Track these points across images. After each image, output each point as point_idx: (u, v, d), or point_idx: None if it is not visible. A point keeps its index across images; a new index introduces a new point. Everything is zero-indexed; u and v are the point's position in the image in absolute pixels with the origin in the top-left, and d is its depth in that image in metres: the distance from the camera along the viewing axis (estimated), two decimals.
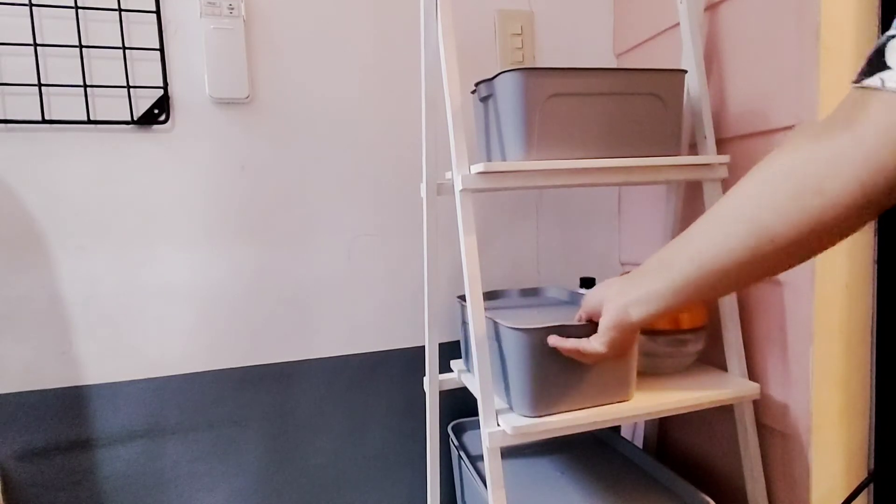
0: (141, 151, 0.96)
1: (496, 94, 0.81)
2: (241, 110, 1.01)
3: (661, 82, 0.81)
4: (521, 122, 0.76)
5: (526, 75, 0.76)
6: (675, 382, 0.86)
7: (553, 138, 0.77)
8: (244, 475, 1.05)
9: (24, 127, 0.91)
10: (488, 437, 0.74)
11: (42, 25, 0.91)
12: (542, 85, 0.76)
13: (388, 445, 1.13)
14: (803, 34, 0.77)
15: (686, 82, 0.90)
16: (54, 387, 0.94)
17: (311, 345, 1.07)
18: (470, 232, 0.76)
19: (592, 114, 0.78)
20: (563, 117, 0.77)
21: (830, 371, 0.78)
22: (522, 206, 1.17)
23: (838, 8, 0.74)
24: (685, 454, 1.04)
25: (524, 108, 0.76)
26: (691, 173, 0.85)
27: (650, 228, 1.09)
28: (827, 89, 0.75)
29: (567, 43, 1.18)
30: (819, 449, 0.78)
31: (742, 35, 0.88)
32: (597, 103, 0.78)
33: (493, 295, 1.04)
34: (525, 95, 0.76)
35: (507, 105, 0.78)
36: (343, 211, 1.07)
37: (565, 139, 0.78)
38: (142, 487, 0.99)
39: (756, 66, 0.86)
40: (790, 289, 0.81)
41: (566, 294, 1.00)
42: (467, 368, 1.01)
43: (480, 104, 0.88)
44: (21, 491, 0.94)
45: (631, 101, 0.80)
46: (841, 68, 0.75)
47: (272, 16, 1.01)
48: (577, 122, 0.77)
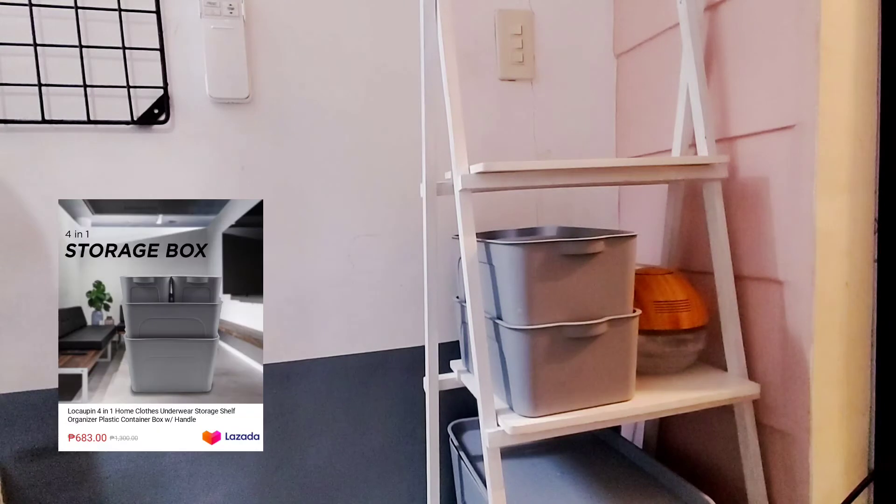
0: (141, 151, 0.96)
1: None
2: (241, 110, 1.01)
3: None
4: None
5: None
6: (675, 382, 0.86)
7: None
8: (244, 475, 1.05)
9: (24, 127, 0.91)
10: (488, 437, 0.74)
11: (42, 25, 0.91)
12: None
13: (388, 445, 1.13)
14: (803, 34, 0.77)
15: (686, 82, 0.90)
16: (54, 387, 0.94)
17: (311, 345, 1.07)
18: (470, 232, 0.76)
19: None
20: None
21: (830, 371, 0.78)
22: (523, 206, 1.17)
23: (838, 8, 0.74)
24: (685, 454, 1.04)
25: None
26: (691, 173, 0.85)
27: (650, 228, 1.09)
28: (827, 89, 0.75)
29: (567, 43, 1.18)
30: (819, 449, 0.78)
31: (742, 35, 0.88)
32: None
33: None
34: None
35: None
36: (343, 211, 1.07)
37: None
38: (142, 487, 0.99)
39: (756, 66, 0.86)
40: (790, 289, 0.81)
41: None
42: (467, 368, 1.01)
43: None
44: (21, 491, 0.94)
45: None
46: (841, 68, 0.75)
47: (272, 16, 1.01)
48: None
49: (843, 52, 0.75)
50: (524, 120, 1.16)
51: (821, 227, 0.76)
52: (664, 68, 1.05)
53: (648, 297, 0.87)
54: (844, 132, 0.76)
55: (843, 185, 0.76)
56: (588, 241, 0.76)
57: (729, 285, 0.86)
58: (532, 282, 0.75)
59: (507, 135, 1.16)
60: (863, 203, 0.78)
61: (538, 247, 0.75)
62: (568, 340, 0.76)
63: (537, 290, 0.75)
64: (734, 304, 0.86)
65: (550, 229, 1.06)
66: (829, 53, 0.74)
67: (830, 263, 0.76)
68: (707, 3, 0.94)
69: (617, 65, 1.21)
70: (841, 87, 0.75)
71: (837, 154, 0.76)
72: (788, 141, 0.80)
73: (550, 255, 0.75)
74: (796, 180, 0.78)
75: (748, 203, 0.88)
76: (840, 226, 0.77)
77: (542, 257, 0.75)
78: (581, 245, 0.76)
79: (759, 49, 0.85)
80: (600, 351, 0.77)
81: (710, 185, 0.87)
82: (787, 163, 0.80)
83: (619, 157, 1.21)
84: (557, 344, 0.75)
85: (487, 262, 0.81)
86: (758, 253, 0.86)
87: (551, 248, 0.75)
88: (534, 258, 0.74)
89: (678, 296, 0.87)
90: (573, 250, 0.75)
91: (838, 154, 0.76)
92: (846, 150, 0.76)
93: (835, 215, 0.76)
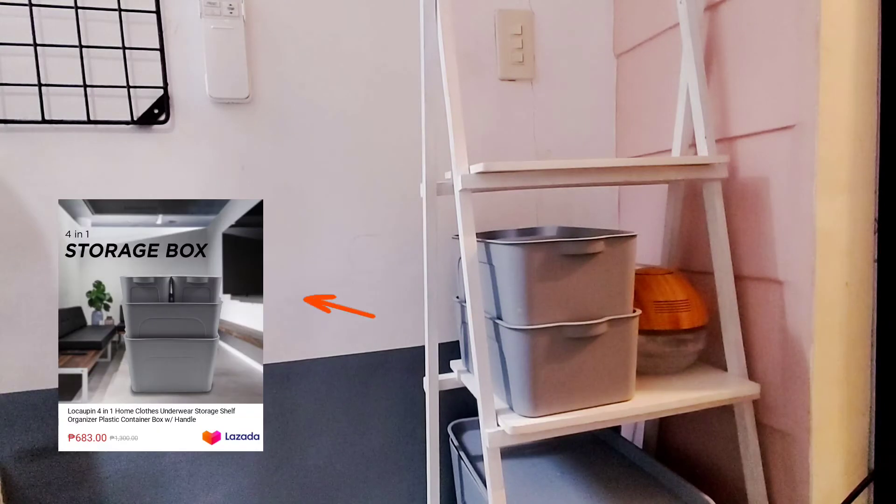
0: (141, 151, 0.96)
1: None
2: (241, 110, 1.01)
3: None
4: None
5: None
6: (675, 382, 0.86)
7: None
8: (244, 475, 1.05)
9: (24, 127, 0.91)
10: (488, 437, 0.74)
11: (42, 25, 0.91)
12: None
13: (388, 445, 1.13)
14: (803, 34, 0.77)
15: (686, 82, 0.90)
16: (54, 387, 0.94)
17: (311, 345, 1.07)
18: (470, 232, 0.76)
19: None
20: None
21: (830, 371, 0.78)
22: (523, 206, 1.17)
23: (838, 8, 0.74)
24: (685, 454, 1.04)
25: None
26: (691, 173, 0.85)
27: (650, 228, 1.09)
28: (827, 89, 0.75)
29: (567, 43, 1.18)
30: (819, 449, 0.78)
31: (742, 35, 0.88)
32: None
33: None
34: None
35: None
36: (343, 211, 1.07)
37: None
38: (142, 487, 0.99)
39: (756, 66, 0.86)
40: (790, 289, 0.81)
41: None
42: (467, 368, 1.01)
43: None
44: (21, 491, 0.94)
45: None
46: (841, 68, 0.75)
47: (272, 16, 1.01)
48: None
49: (843, 52, 0.75)
50: (524, 120, 1.16)
51: (821, 227, 0.76)
52: (664, 68, 1.05)
53: (648, 297, 0.87)
54: (844, 132, 0.76)
55: (843, 185, 0.76)
56: (588, 241, 0.76)
57: (729, 285, 0.86)
58: (532, 282, 0.75)
59: (507, 135, 1.16)
60: (863, 203, 0.78)
61: (538, 247, 0.75)
62: (568, 340, 0.76)
63: (537, 290, 0.75)
64: (734, 304, 0.86)
65: (550, 229, 1.06)
66: (829, 53, 0.74)
67: (830, 263, 0.76)
68: (707, 3, 0.94)
69: (617, 65, 1.21)
70: (841, 87, 0.75)
71: (837, 154, 0.76)
72: (788, 141, 0.80)
73: (550, 255, 0.75)
74: (796, 180, 0.78)
75: (748, 203, 0.88)
76: (840, 226, 0.77)
77: (542, 257, 0.75)
78: (581, 245, 0.76)
79: (759, 49, 0.85)
80: (600, 351, 0.77)
81: (710, 185, 0.87)
82: (787, 163, 0.80)
83: (619, 157, 1.21)
84: (557, 344, 0.75)
85: (487, 262, 0.81)
86: (758, 253, 0.86)
87: (551, 248, 0.75)
88: (534, 258, 0.74)
89: (678, 296, 0.87)
90: (573, 250, 0.75)
91: (838, 154, 0.76)
92: (846, 150, 0.76)
93: (835, 215, 0.76)
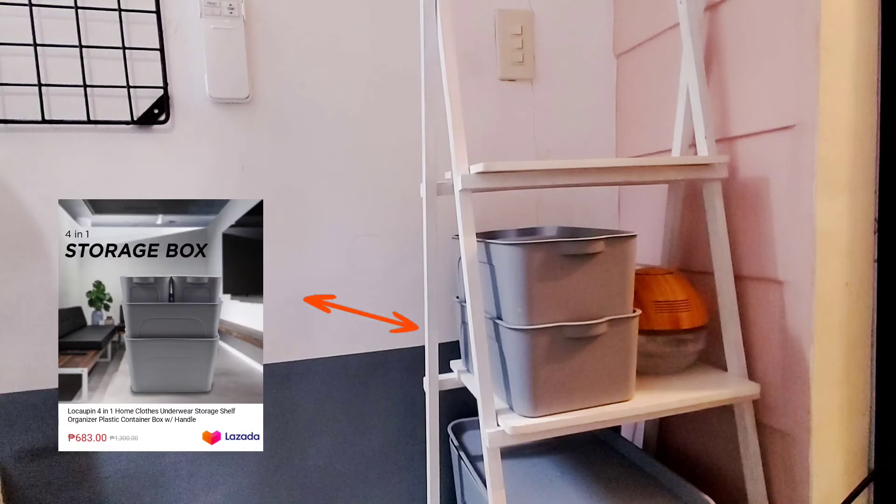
0: (141, 151, 0.96)
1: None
2: (241, 110, 1.01)
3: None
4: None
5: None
6: (675, 382, 0.86)
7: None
8: (244, 475, 1.05)
9: (24, 127, 0.91)
10: (488, 437, 0.74)
11: (42, 25, 0.91)
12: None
13: (388, 445, 1.13)
14: (803, 34, 0.77)
15: (686, 82, 0.90)
16: (54, 387, 0.94)
17: (311, 345, 1.07)
18: (470, 232, 0.76)
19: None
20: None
21: (830, 371, 0.78)
22: (523, 206, 1.17)
23: (838, 8, 0.74)
24: (685, 454, 1.04)
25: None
26: (691, 173, 0.85)
27: (650, 228, 1.09)
28: (827, 89, 0.75)
29: (567, 43, 1.18)
30: (819, 449, 0.78)
31: (742, 35, 0.88)
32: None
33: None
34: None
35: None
36: (343, 211, 1.07)
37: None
38: (142, 487, 0.99)
39: (756, 66, 0.86)
40: (790, 289, 0.81)
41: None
42: (467, 368, 1.01)
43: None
44: (21, 491, 0.94)
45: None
46: (841, 68, 0.75)
47: (272, 16, 1.01)
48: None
49: (843, 52, 0.75)
50: (524, 120, 1.16)
51: (821, 227, 0.76)
52: (664, 68, 1.05)
53: (648, 297, 0.87)
54: (844, 132, 0.76)
55: (843, 185, 0.76)
56: (588, 241, 0.76)
57: (729, 285, 0.86)
58: (532, 282, 0.75)
59: (507, 135, 1.16)
60: (863, 203, 0.78)
61: (538, 247, 0.75)
62: (568, 340, 0.76)
63: (537, 290, 0.75)
64: (734, 304, 0.86)
65: (550, 229, 1.06)
66: (829, 53, 0.74)
67: (830, 263, 0.76)
68: (707, 3, 0.94)
69: (617, 65, 1.21)
70: (841, 87, 0.75)
71: (837, 154, 0.76)
72: (788, 141, 0.80)
73: (550, 255, 0.75)
74: (796, 180, 0.78)
75: (748, 203, 0.88)
76: (840, 226, 0.77)
77: (542, 257, 0.75)
78: (581, 245, 0.75)
79: (759, 49, 0.85)
80: (600, 351, 0.77)
81: (710, 185, 0.87)
82: (787, 163, 0.80)
83: (619, 157, 1.21)
84: (557, 344, 0.75)
85: (487, 262, 0.81)
86: (758, 253, 0.86)
87: (551, 248, 0.75)
88: (534, 258, 0.74)
89: (678, 296, 0.87)
90: (573, 250, 0.75)
91: (838, 154, 0.76)
92: (846, 150, 0.76)
93: (835, 215, 0.76)
